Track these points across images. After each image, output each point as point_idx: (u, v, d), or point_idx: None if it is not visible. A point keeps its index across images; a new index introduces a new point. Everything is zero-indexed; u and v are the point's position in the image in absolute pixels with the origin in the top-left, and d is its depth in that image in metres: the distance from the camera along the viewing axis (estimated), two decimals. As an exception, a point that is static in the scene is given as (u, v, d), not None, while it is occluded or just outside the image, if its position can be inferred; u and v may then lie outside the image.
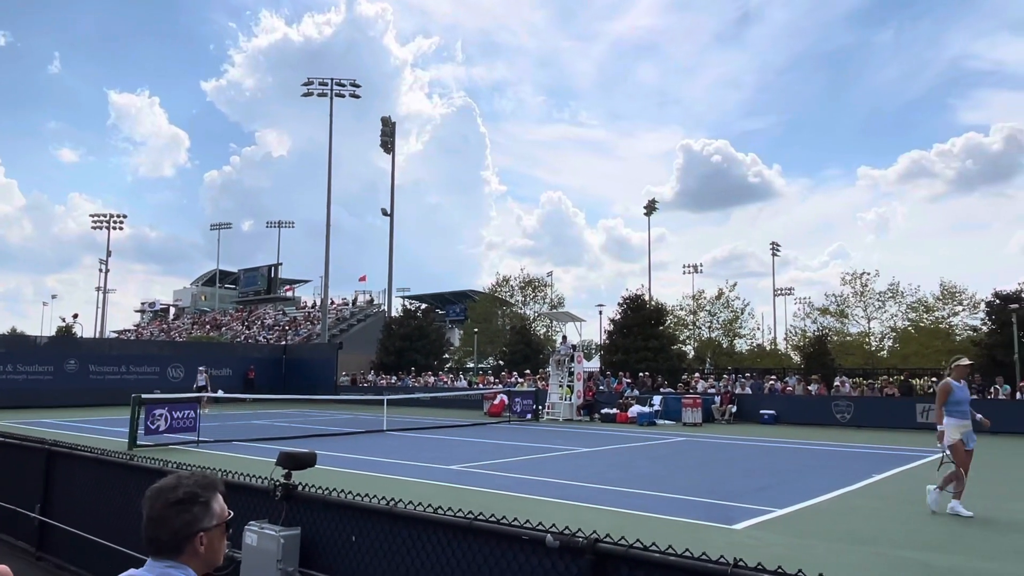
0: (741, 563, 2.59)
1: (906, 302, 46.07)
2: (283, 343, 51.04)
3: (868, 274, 47.59)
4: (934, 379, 28.72)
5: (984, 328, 36.11)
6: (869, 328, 47.73)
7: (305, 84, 52.43)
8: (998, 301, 33.93)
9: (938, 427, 9.09)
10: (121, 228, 70.97)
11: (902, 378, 28.14)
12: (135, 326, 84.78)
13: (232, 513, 1.98)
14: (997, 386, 24.30)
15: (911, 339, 44.40)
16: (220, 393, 24.48)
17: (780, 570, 2.51)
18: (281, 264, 79.32)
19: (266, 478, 4.59)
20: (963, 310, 43.69)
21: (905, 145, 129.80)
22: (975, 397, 24.32)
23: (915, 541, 7.51)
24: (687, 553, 2.76)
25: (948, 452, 8.93)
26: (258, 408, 30.13)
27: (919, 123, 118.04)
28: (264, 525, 4.35)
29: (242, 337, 62.79)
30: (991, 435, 20.17)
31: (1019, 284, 34.51)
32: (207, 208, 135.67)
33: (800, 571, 2.46)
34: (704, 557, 2.69)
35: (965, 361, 9.52)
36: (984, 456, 15.87)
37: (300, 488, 4.44)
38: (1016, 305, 32.15)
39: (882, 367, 38.89)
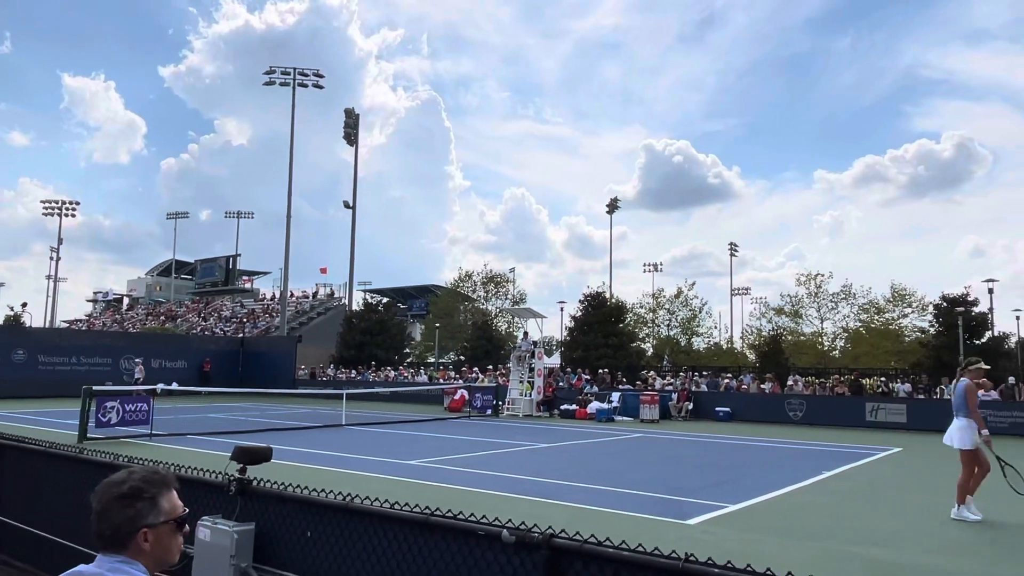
0: (692, 558, 2.65)
1: (858, 303, 47.33)
2: (240, 335, 50.23)
3: (822, 275, 48.77)
4: (883, 379, 29.56)
5: (932, 330, 37.26)
6: (822, 328, 48.90)
7: (267, 73, 51.57)
8: (945, 304, 35.06)
9: (983, 432, 8.59)
10: (73, 215, 69.20)
11: (852, 377, 28.87)
12: (87, 316, 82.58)
13: (187, 510, 1.96)
14: (943, 386, 25.09)
15: (862, 339, 45.58)
16: (174, 385, 23.99)
17: (730, 564, 2.57)
18: (239, 255, 78.06)
19: (220, 472, 4.53)
20: (912, 312, 45.03)
21: (860, 150, 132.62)
22: (922, 397, 25.15)
23: (862, 537, 7.73)
24: (640, 548, 2.81)
25: (963, 452, 8.68)
26: (214, 401, 29.62)
27: (874, 129, 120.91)
28: (218, 520, 4.30)
29: (198, 329, 61.60)
30: (935, 434, 20.85)
31: (965, 288, 35.74)
32: (164, 196, 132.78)
33: (749, 566, 2.53)
34: (657, 552, 2.75)
35: (984, 365, 9.25)
36: (931, 455, 16.41)
37: (255, 483, 4.40)
38: (962, 308, 33.27)
39: (834, 366, 39.88)
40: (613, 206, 64.17)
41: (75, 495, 5.34)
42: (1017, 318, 47.44)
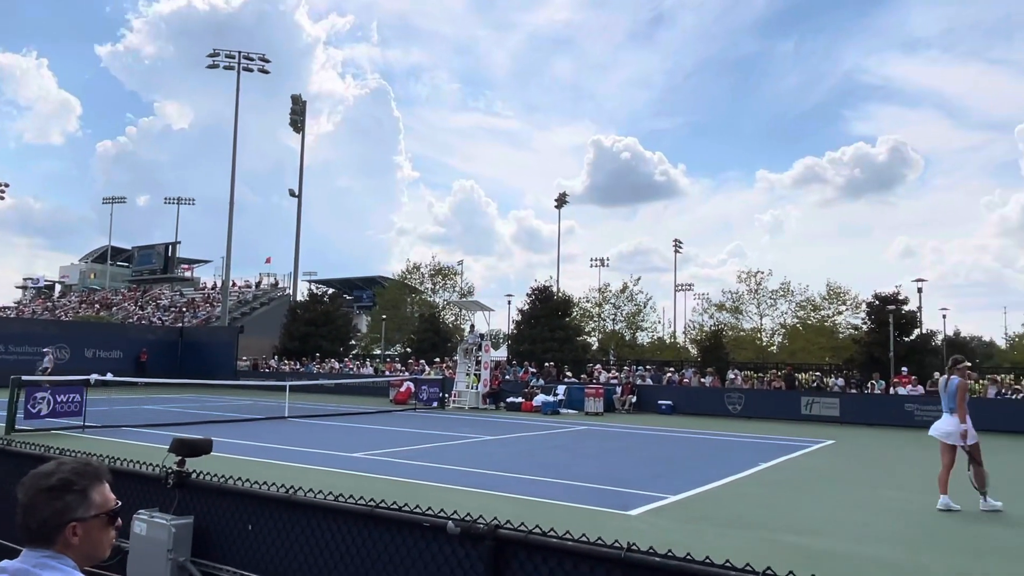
0: (634, 547, 2.70)
1: (795, 301, 48.69)
2: (180, 325, 48.92)
3: (762, 273, 50.04)
4: (818, 374, 30.51)
5: (864, 327, 38.61)
6: (761, 324, 50.22)
7: (210, 56, 50.22)
8: (877, 302, 36.35)
9: (962, 426, 9.00)
10: (2, 198, 66.02)
11: (786, 371, 29.69)
12: (16, 303, 79.20)
13: (120, 503, 1.90)
14: (873, 381, 26.06)
15: (799, 336, 46.92)
16: (109, 376, 23.18)
17: (670, 553, 2.63)
18: (179, 242, 75.91)
19: (157, 465, 4.41)
20: (846, 310, 46.53)
21: (800, 152, 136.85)
22: (854, 392, 26.06)
23: (795, 526, 7.99)
24: (583, 538, 2.85)
25: (967, 448, 8.99)
26: (151, 393, 28.79)
27: (814, 131, 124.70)
28: (154, 514, 4.19)
29: (135, 318, 59.74)
30: (866, 427, 21.66)
31: (896, 287, 37.16)
32: (99, 180, 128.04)
33: (688, 554, 2.59)
34: (599, 542, 2.79)
35: (968, 363, 9.87)
36: (863, 447, 17.04)
37: (194, 476, 4.30)
38: (893, 307, 34.57)
39: (772, 361, 40.99)
40: (561, 201, 64.63)
41: (1, 488, 5.12)
42: (943, 317, 49.74)
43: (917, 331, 36.46)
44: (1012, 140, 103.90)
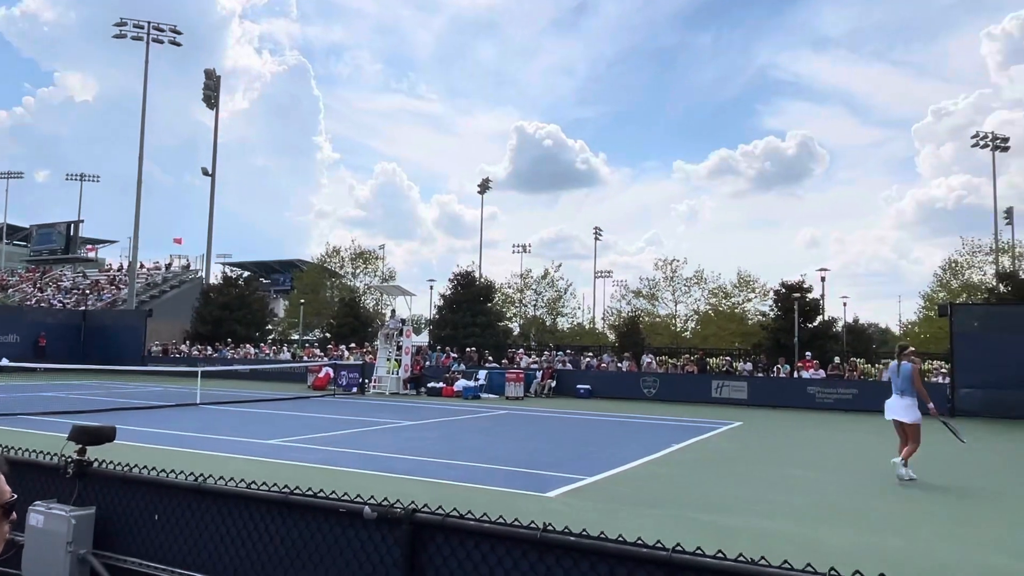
0: (550, 527, 2.76)
1: (708, 288, 50.40)
2: (83, 308, 46.50)
3: (677, 261, 51.51)
4: (727, 358, 31.71)
5: (771, 314, 40.32)
6: (676, 311, 51.75)
7: (117, 25, 47.50)
8: (784, 290, 38.02)
9: (930, 405, 9.90)
10: None
11: (699, 356, 30.71)
12: None
13: (16, 496, 1.81)
14: (779, 366, 27.27)
15: (711, 322, 48.62)
16: (4, 362, 21.84)
17: (584, 532, 2.71)
18: (83, 221, 71.83)
19: (56, 454, 4.21)
20: (755, 297, 48.48)
21: (715, 144, 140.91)
22: (761, 375, 27.19)
23: (706, 504, 8.31)
24: (501, 520, 2.89)
25: (913, 426, 9.78)
26: (51, 379, 27.29)
27: (728, 124, 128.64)
28: (52, 505, 4.00)
29: (33, 300, 56.34)
30: (772, 409, 22.67)
31: (801, 276, 38.95)
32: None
33: (602, 533, 2.67)
34: (516, 523, 2.84)
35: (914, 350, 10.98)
36: (769, 428, 17.81)
37: (96, 464, 4.12)
38: (798, 294, 36.22)
39: (685, 346, 42.33)
40: (484, 186, 64.60)
41: None
42: (844, 304, 52.60)
43: (820, 318, 38.33)
44: (909, 138, 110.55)
